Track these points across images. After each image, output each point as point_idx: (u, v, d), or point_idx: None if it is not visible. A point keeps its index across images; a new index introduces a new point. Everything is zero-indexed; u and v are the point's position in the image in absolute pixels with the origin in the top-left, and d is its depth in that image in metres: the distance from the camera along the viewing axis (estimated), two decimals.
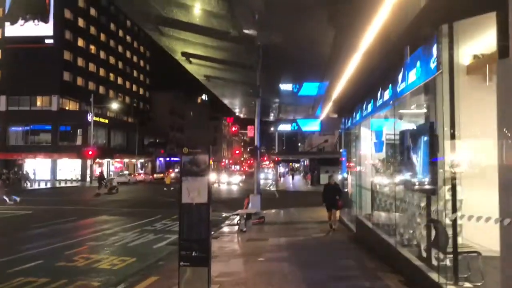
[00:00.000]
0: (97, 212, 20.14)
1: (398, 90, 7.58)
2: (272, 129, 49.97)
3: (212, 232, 14.14)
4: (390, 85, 8.25)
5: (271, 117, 18.66)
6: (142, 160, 74.42)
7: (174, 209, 23.04)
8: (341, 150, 15.39)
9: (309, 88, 13.89)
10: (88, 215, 18.76)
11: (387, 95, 8.57)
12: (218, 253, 9.89)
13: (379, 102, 9.34)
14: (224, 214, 19.57)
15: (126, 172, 60.42)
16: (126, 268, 8.81)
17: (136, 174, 58.75)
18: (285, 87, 13.42)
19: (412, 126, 7.74)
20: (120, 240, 12.41)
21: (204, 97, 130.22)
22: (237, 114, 19.09)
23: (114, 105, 58.82)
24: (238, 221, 13.86)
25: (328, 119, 13.97)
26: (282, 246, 10.85)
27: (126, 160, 67.66)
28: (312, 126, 14.42)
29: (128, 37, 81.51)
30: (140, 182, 54.29)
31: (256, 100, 17.53)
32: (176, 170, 66.19)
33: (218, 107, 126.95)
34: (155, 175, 65.85)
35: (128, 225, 15.73)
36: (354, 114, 12.98)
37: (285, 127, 14.47)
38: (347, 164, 13.98)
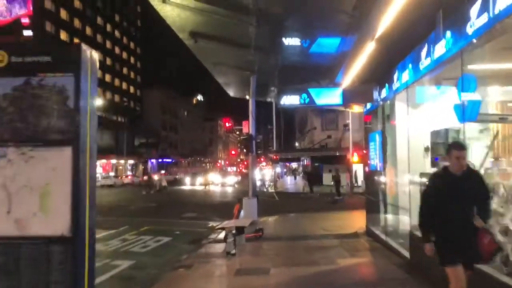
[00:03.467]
0: None
1: None
2: (274, 121, 45.42)
3: (185, 256, 9.74)
4: None
5: (270, 97, 14.21)
6: (132, 162, 69.78)
7: (148, 217, 18.85)
8: (373, 133, 10.92)
9: (326, 44, 9.46)
10: None
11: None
12: None
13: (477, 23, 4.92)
14: (211, 224, 15.14)
15: (112, 174, 55.79)
16: None
17: (124, 176, 54.12)
18: (291, 41, 8.96)
19: None
20: None
21: (199, 97, 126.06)
22: (231, 95, 14.61)
23: (99, 101, 54.08)
24: (225, 237, 9.37)
25: (354, 88, 9.54)
26: None
27: (114, 161, 62.99)
28: (330, 97, 9.98)
29: (116, 32, 76.98)
30: (128, 185, 49.81)
31: (251, 77, 13.13)
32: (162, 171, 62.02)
33: (214, 108, 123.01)
34: (145, 177, 61.27)
35: None
36: (397, 75, 8.59)
37: (291, 100, 9.99)
38: (381, 151, 9.55)
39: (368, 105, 11.56)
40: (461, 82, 5.86)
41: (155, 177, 41.13)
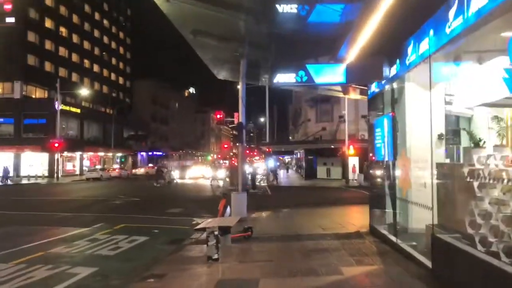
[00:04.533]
0: (15, 220, 14.14)
1: None
2: (267, 111, 43.95)
3: (160, 261, 8.14)
4: None
5: (262, 80, 12.73)
6: (120, 154, 67.93)
7: (129, 213, 16.00)
8: (376, 119, 9.47)
9: (327, 12, 8.01)
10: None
11: None
12: None
13: None
14: (195, 221, 13.67)
15: (98, 166, 53.97)
16: None
17: (111, 169, 52.31)
18: (287, 8, 7.50)
19: None
20: None
21: (191, 90, 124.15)
22: (219, 77, 13.00)
23: (84, 92, 52.12)
24: (207, 239, 7.88)
25: (359, 64, 8.08)
26: None
27: (101, 153, 61.13)
28: (331, 75, 8.49)
29: (105, 21, 74.62)
30: (115, 178, 48.04)
31: (241, 59, 11.64)
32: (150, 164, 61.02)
33: (206, 101, 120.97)
34: (133, 170, 59.58)
35: (32, 244, 9.74)
36: (413, 46, 7.16)
37: (285, 79, 8.49)
38: (392, 138, 8.10)
39: (373, 87, 10.15)
40: None
41: (142, 170, 39.48)
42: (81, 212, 16.38)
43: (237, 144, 14.63)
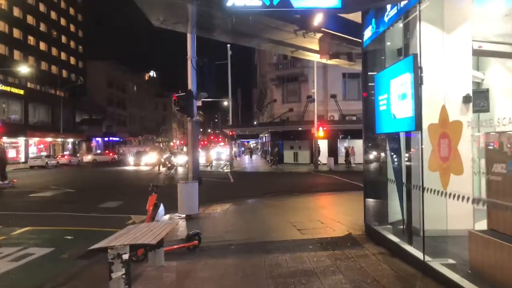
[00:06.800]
0: None
1: None
2: (229, 84, 40.49)
3: None
4: None
5: (218, 28, 9.40)
6: (71, 140, 62.69)
7: (49, 209, 12.42)
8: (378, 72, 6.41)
9: None
10: None
11: None
12: None
13: None
14: (132, 219, 10.31)
15: (44, 153, 49.01)
16: None
17: (59, 156, 47.51)
18: None
19: None
20: None
21: (152, 73, 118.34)
22: (155, 24, 9.32)
23: (25, 70, 46.58)
24: (110, 267, 4.60)
25: None
26: None
27: (49, 139, 55.77)
28: None
29: None
30: (64, 166, 43.43)
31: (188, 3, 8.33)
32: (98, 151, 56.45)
33: (168, 85, 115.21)
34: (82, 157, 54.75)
35: None
36: None
37: (246, 0, 5.46)
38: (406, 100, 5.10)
39: (369, 30, 7.12)
40: None
41: (89, 157, 35.07)
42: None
43: (187, 118, 11.36)
